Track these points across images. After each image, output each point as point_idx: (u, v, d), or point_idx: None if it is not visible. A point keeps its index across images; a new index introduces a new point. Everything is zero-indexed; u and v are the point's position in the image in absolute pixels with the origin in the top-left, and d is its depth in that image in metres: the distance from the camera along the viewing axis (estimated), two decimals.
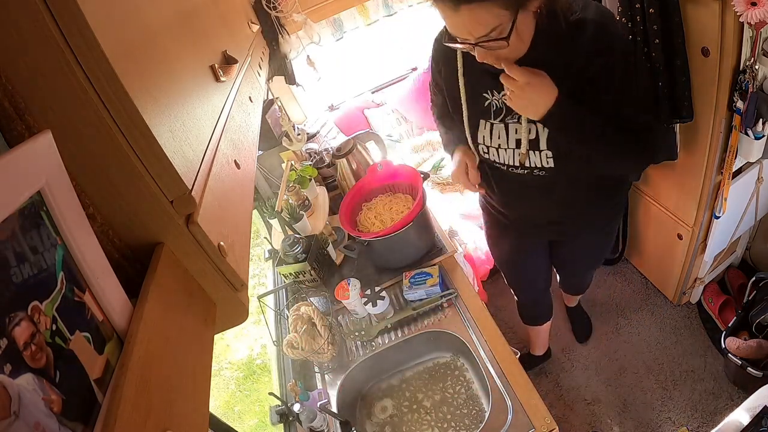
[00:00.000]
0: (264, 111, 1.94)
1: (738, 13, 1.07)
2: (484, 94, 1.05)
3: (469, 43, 0.86)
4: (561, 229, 1.34)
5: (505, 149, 1.07)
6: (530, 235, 1.44)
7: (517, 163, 1.08)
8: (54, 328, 0.32)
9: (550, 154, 1.02)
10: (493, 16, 0.80)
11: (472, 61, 0.95)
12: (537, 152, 1.03)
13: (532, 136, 1.02)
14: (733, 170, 1.44)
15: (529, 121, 1.00)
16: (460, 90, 1.07)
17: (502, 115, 1.04)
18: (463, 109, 1.09)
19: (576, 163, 1.03)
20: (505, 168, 1.12)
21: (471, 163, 1.17)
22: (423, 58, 2.72)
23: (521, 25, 0.84)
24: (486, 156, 1.13)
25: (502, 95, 0.99)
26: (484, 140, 1.10)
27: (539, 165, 1.05)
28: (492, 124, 1.06)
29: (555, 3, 0.87)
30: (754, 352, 1.59)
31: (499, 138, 1.07)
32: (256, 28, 1.63)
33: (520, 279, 1.69)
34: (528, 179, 1.10)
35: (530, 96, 0.90)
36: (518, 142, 1.04)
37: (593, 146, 0.99)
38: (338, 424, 1.21)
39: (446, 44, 0.92)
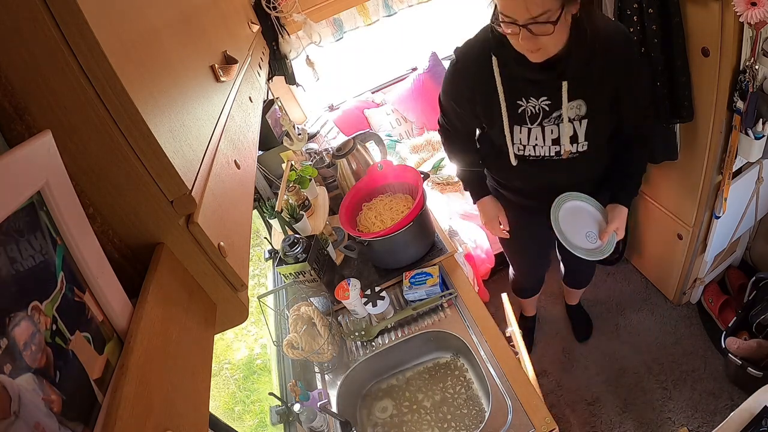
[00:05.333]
0: (264, 111, 1.94)
1: (738, 13, 1.07)
2: (518, 102, 1.14)
3: (517, 25, 0.95)
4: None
5: (542, 146, 1.20)
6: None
7: (552, 154, 1.20)
8: (54, 328, 0.32)
9: (586, 143, 1.17)
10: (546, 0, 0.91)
11: (508, 73, 1.10)
12: (575, 144, 1.18)
13: (572, 132, 1.15)
14: (733, 170, 1.44)
15: (569, 121, 1.13)
16: (499, 98, 1.14)
17: (538, 120, 1.15)
18: (503, 113, 1.16)
19: (604, 142, 1.22)
20: (540, 159, 1.23)
21: (501, 213, 1.42)
22: (423, 58, 2.72)
23: (563, 21, 0.94)
24: (521, 153, 1.23)
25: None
26: (520, 141, 1.20)
27: (575, 151, 1.19)
28: (529, 129, 1.17)
29: (589, 16, 0.99)
30: (754, 352, 1.59)
31: (536, 139, 1.19)
32: (256, 28, 1.63)
33: (529, 262, 1.79)
34: (562, 165, 1.23)
35: (624, 227, 1.27)
36: (554, 141, 1.17)
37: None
38: (338, 424, 1.21)
39: (492, 24, 1.02)
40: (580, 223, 1.28)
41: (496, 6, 0.99)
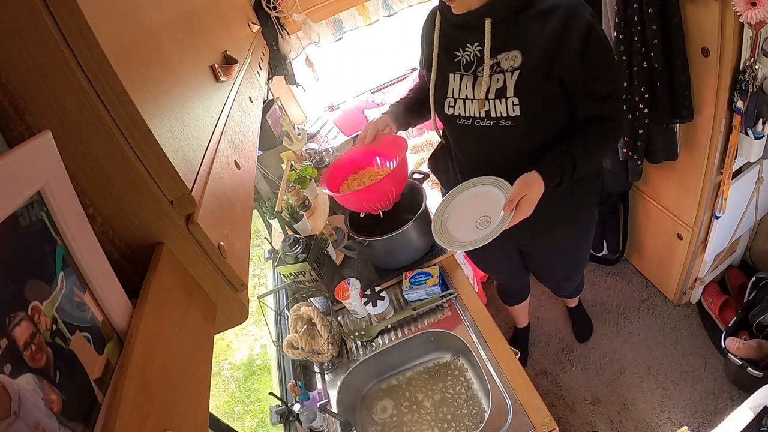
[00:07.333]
0: (264, 111, 1.94)
1: (738, 13, 1.07)
2: (455, 52, 1.14)
3: None
4: (533, 227, 1.16)
5: (472, 100, 1.13)
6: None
7: (483, 114, 1.12)
8: (54, 328, 0.32)
9: (516, 101, 1.07)
10: None
11: (446, 24, 1.13)
12: (503, 100, 1.08)
13: (500, 84, 1.08)
14: (733, 170, 1.44)
15: (496, 72, 1.08)
16: (434, 49, 1.17)
17: (472, 68, 1.13)
18: (433, 63, 1.18)
19: (541, 114, 1.09)
20: (470, 122, 1.15)
21: (385, 128, 1.35)
22: None
23: None
24: (452, 111, 1.18)
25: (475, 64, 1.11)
26: (453, 92, 1.17)
27: (505, 114, 1.09)
28: (462, 75, 1.14)
29: None
30: (754, 352, 1.59)
31: (466, 89, 1.14)
32: (256, 28, 1.63)
33: (503, 272, 1.77)
34: (494, 136, 1.14)
35: (532, 206, 1.04)
36: (486, 93, 1.10)
37: (585, 164, 1.09)
38: (338, 424, 1.21)
39: None
40: (472, 211, 1.11)
41: None
